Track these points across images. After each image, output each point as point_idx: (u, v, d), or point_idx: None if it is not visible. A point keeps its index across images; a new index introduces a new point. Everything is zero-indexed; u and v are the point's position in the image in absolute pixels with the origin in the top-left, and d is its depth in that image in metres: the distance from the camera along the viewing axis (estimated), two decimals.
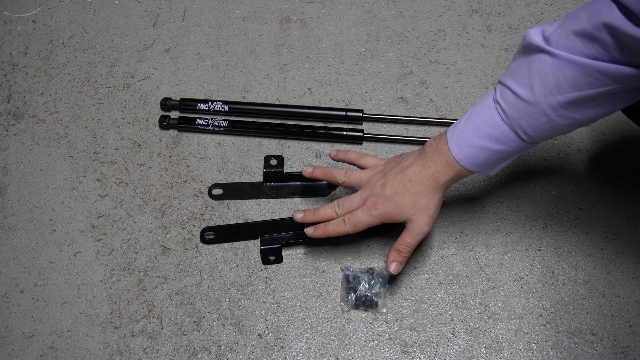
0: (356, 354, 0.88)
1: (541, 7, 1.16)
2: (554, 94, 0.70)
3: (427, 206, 0.81)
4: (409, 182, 0.81)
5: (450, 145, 0.78)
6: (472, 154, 0.77)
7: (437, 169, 0.79)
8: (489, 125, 0.75)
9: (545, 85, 0.70)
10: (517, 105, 0.72)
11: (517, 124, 0.73)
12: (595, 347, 0.88)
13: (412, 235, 0.83)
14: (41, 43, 1.15)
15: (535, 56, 0.71)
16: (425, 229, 0.82)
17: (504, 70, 1.09)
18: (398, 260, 0.84)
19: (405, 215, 0.82)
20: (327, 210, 0.87)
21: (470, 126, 0.76)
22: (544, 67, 0.70)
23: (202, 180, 1.01)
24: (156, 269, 0.94)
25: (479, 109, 0.76)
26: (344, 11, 1.17)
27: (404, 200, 0.81)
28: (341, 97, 1.08)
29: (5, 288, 0.94)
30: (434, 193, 0.81)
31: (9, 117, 1.08)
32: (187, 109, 1.07)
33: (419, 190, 0.80)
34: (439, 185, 0.80)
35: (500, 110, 0.74)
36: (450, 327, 0.90)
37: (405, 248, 0.83)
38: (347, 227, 0.84)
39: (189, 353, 0.88)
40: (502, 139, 0.75)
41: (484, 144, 0.76)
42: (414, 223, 0.82)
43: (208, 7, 1.18)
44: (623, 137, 1.03)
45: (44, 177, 1.02)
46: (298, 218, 0.89)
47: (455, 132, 0.78)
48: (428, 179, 0.80)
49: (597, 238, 0.95)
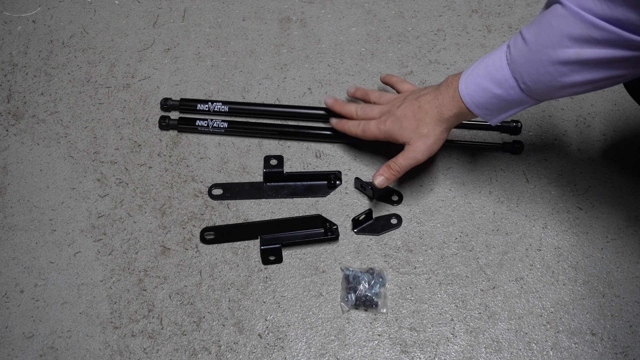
0: (356, 354, 0.88)
1: (541, 7, 1.16)
2: (554, 46, 0.70)
3: (426, 135, 0.85)
4: (418, 108, 0.85)
5: (460, 81, 0.80)
6: (475, 93, 0.79)
7: (444, 102, 0.83)
8: (495, 68, 0.77)
9: (549, 34, 0.71)
10: (521, 51, 0.74)
11: (517, 69, 0.75)
12: (595, 347, 0.88)
13: (406, 158, 0.88)
14: (41, 43, 1.15)
15: (551, 7, 0.72)
16: (419, 155, 0.87)
17: None
18: (385, 175, 0.89)
19: (405, 137, 0.87)
20: (350, 107, 0.97)
21: (481, 66, 0.79)
22: (553, 17, 0.70)
23: (202, 180, 1.01)
24: (156, 269, 0.94)
25: (494, 52, 0.78)
26: (344, 11, 1.17)
27: (408, 123, 0.86)
28: (341, 97, 1.08)
29: (5, 288, 0.94)
30: (435, 124, 0.84)
31: (9, 117, 1.08)
32: (187, 109, 1.07)
33: (423, 118, 0.85)
34: (442, 118, 0.84)
35: (508, 54, 0.76)
36: (450, 327, 0.90)
37: (396, 167, 0.88)
38: (358, 131, 0.94)
39: (189, 353, 0.88)
40: (503, 83, 0.76)
41: (486, 85, 0.78)
42: (411, 147, 0.87)
43: (208, 7, 1.18)
44: (623, 137, 1.03)
45: (44, 177, 1.02)
46: (329, 102, 0.99)
47: (469, 70, 0.80)
48: (434, 109, 0.84)
49: (597, 238, 0.95)
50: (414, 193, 0.99)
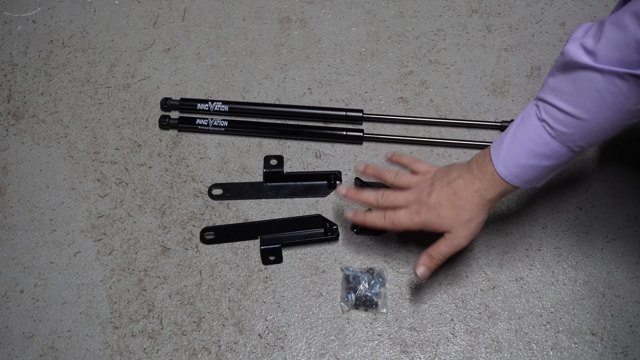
0: (356, 354, 0.88)
1: (541, 7, 1.16)
2: (611, 109, 0.69)
3: (468, 221, 0.81)
4: (453, 195, 0.80)
5: (496, 166, 0.78)
6: (521, 173, 0.77)
7: (483, 186, 0.79)
8: (536, 144, 0.75)
9: (600, 102, 0.69)
10: (568, 123, 0.72)
11: (569, 139, 0.73)
12: (595, 347, 0.88)
13: (448, 246, 0.82)
14: (41, 43, 1.15)
15: (581, 74, 0.70)
16: (463, 242, 0.81)
17: (504, 70, 1.09)
18: (427, 265, 0.82)
19: (445, 226, 0.81)
20: (370, 195, 0.87)
21: (516, 146, 0.76)
22: (595, 84, 0.69)
23: (202, 180, 1.01)
24: (156, 269, 0.94)
25: (523, 128, 0.76)
26: (344, 11, 1.17)
27: (446, 212, 0.81)
28: (341, 97, 1.08)
29: (5, 288, 0.94)
30: (478, 209, 0.80)
31: (9, 117, 1.08)
32: (187, 109, 1.07)
33: (463, 205, 0.80)
34: (484, 201, 0.80)
35: (549, 128, 0.74)
36: (450, 327, 0.90)
37: (438, 256, 0.82)
38: (386, 223, 0.84)
39: (189, 353, 0.88)
40: (553, 155, 0.75)
41: (533, 163, 0.76)
42: (453, 235, 0.81)
43: (208, 7, 1.18)
44: (623, 137, 1.03)
45: (44, 177, 1.02)
46: (342, 192, 0.89)
47: (501, 153, 0.77)
48: (473, 194, 0.80)
49: (597, 238, 0.95)
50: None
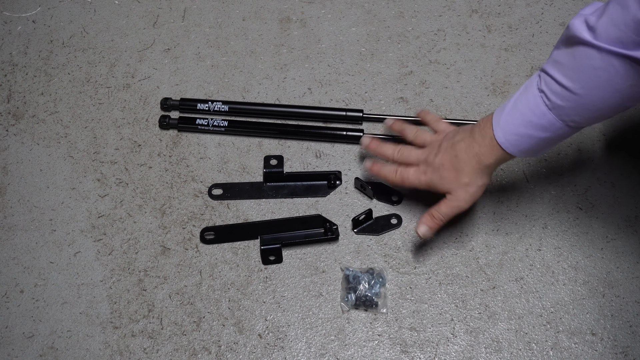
0: (356, 354, 0.88)
1: (541, 7, 1.16)
2: (605, 87, 0.70)
3: (468, 184, 0.84)
4: (455, 157, 0.84)
5: (495, 131, 0.79)
6: (518, 142, 0.79)
7: (482, 150, 0.81)
8: (534, 115, 0.76)
9: (595, 79, 0.70)
10: (564, 96, 0.73)
11: (564, 113, 0.74)
12: (595, 347, 0.88)
13: (449, 207, 0.85)
14: (41, 43, 1.15)
15: (580, 49, 0.70)
16: (463, 204, 0.85)
17: (504, 70, 1.09)
18: (429, 225, 0.86)
19: (446, 187, 0.85)
20: (388, 149, 0.93)
21: (515, 114, 0.78)
22: (592, 61, 0.69)
23: (202, 180, 1.01)
24: (156, 269, 0.94)
25: (524, 98, 0.77)
26: (344, 11, 1.17)
27: (447, 174, 0.84)
28: (341, 97, 1.08)
29: (5, 288, 0.94)
30: (476, 172, 0.83)
31: (9, 117, 1.08)
32: (187, 109, 1.07)
33: (462, 167, 0.83)
34: (482, 166, 0.82)
35: (546, 99, 0.74)
36: (450, 327, 0.90)
37: (439, 215, 0.86)
38: (396, 178, 0.90)
39: (189, 353, 0.88)
40: (549, 127, 0.76)
41: (530, 132, 0.77)
42: (453, 196, 0.85)
43: (208, 7, 1.18)
44: (623, 137, 1.03)
45: (44, 177, 1.02)
46: (365, 142, 0.95)
47: (501, 119, 0.79)
48: (472, 158, 0.82)
49: (597, 238, 0.95)
50: (413, 193, 0.99)
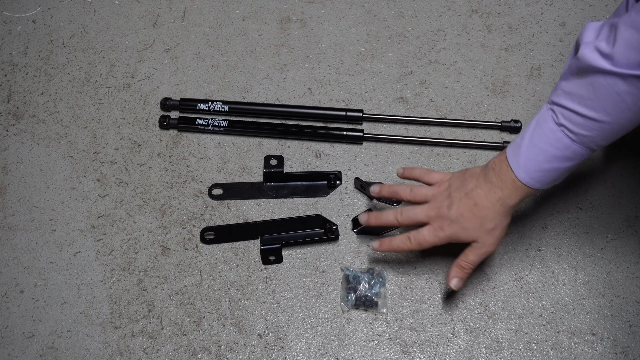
0: (356, 354, 0.88)
1: (541, 7, 1.16)
2: (633, 110, 0.70)
3: (493, 229, 0.82)
4: (474, 207, 0.81)
5: (517, 173, 0.78)
6: (543, 177, 0.78)
7: (505, 194, 0.80)
8: (557, 149, 0.76)
9: (621, 105, 0.70)
10: (589, 126, 0.73)
11: (590, 141, 0.74)
12: (595, 347, 0.88)
13: (476, 254, 0.83)
14: (41, 43, 1.15)
15: (599, 78, 0.70)
16: (491, 249, 0.83)
17: (504, 70, 1.09)
18: (459, 276, 0.84)
19: (471, 237, 0.82)
20: (389, 216, 0.88)
21: (535, 152, 0.77)
22: (615, 88, 0.69)
23: (202, 180, 1.01)
24: (156, 269, 0.94)
25: (541, 134, 0.76)
26: (344, 11, 1.17)
27: (470, 224, 0.81)
28: (341, 97, 1.08)
29: (5, 288, 0.94)
30: (501, 216, 0.81)
31: (9, 117, 1.08)
32: (187, 109, 1.07)
33: (485, 214, 0.81)
34: (507, 208, 0.81)
35: (568, 132, 0.74)
36: (450, 327, 0.90)
37: (468, 265, 0.84)
38: (413, 245, 0.85)
39: (189, 353, 0.88)
40: (574, 157, 0.76)
41: (555, 166, 0.77)
42: (480, 244, 0.82)
43: (208, 7, 1.18)
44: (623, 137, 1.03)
45: (44, 177, 1.02)
46: (363, 220, 0.90)
47: (520, 160, 0.78)
48: (495, 203, 0.80)
49: (597, 238, 0.95)
50: None
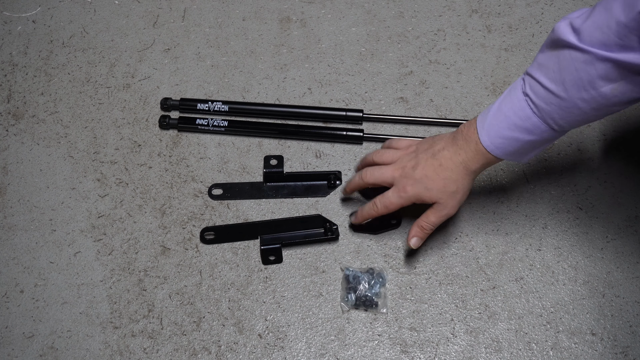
0: (356, 354, 0.88)
1: (541, 7, 1.16)
2: (587, 89, 0.70)
3: (455, 191, 0.83)
4: (439, 167, 0.83)
5: (480, 135, 0.79)
6: (504, 145, 0.79)
7: (468, 157, 0.81)
8: (519, 117, 0.76)
9: (577, 81, 0.70)
10: (548, 99, 0.74)
11: (548, 116, 0.75)
12: (595, 347, 0.88)
13: (438, 216, 0.85)
14: (41, 43, 1.15)
15: (565, 52, 0.71)
16: (452, 211, 0.85)
17: (504, 70, 1.09)
18: (419, 236, 0.86)
19: (434, 198, 0.84)
20: (355, 178, 0.91)
21: (500, 118, 0.78)
22: (575, 63, 0.70)
23: (202, 180, 1.01)
24: (156, 269, 0.94)
25: (508, 101, 0.78)
26: (344, 11, 1.17)
27: (433, 184, 0.83)
28: (341, 97, 1.08)
29: (5, 288, 0.94)
30: (463, 179, 0.83)
31: (9, 117, 1.08)
32: (187, 109, 1.07)
33: (449, 176, 0.82)
34: (469, 172, 0.82)
35: (531, 103, 0.75)
36: (450, 327, 0.90)
37: (428, 225, 0.86)
38: (380, 209, 0.87)
39: (189, 353, 0.88)
40: (534, 130, 0.76)
41: (515, 135, 0.77)
42: (441, 205, 0.84)
43: (208, 7, 1.18)
44: (623, 137, 1.03)
45: (44, 177, 1.02)
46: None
47: (485, 123, 0.79)
48: (458, 165, 0.82)
49: (597, 238, 0.95)
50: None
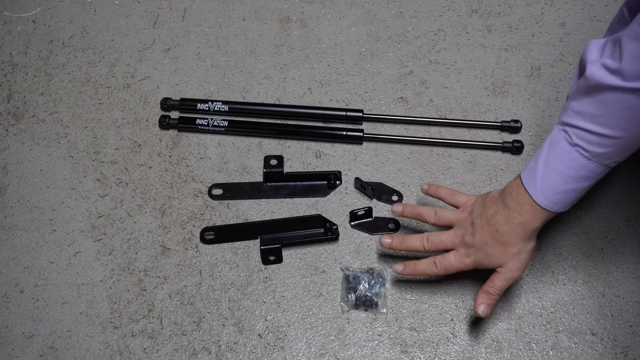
0: (356, 354, 0.88)
1: (541, 7, 1.16)
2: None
3: (517, 253, 0.81)
4: (496, 233, 0.81)
5: (535, 197, 0.78)
6: (563, 199, 0.78)
7: (525, 218, 0.79)
8: (574, 169, 0.75)
9: (634, 119, 0.69)
10: (603, 144, 0.73)
11: (606, 157, 0.74)
12: (595, 347, 0.88)
13: (502, 280, 0.83)
14: (41, 43, 1.15)
15: (610, 95, 0.70)
16: (517, 273, 0.83)
17: (504, 70, 1.09)
18: (487, 302, 0.83)
19: (495, 263, 0.83)
20: (415, 242, 0.87)
21: (552, 175, 0.77)
22: (627, 103, 0.69)
23: (202, 180, 1.01)
24: (156, 269, 0.94)
25: (555, 156, 0.76)
26: (344, 11, 1.17)
27: (493, 250, 0.82)
28: (341, 97, 1.08)
29: (5, 288, 0.94)
30: (524, 240, 0.81)
31: (9, 117, 1.08)
32: (187, 109, 1.07)
33: (508, 240, 0.81)
34: (529, 233, 0.81)
35: (583, 151, 0.74)
36: (450, 327, 0.90)
37: (495, 291, 0.83)
38: (439, 271, 0.85)
39: (189, 353, 0.88)
40: (591, 175, 0.76)
41: (573, 187, 0.77)
42: (505, 269, 0.82)
43: (208, 7, 1.18)
44: None
45: (44, 177, 1.02)
46: (386, 244, 0.89)
47: (537, 184, 0.78)
48: (515, 229, 0.80)
49: (597, 238, 0.95)
50: (413, 193, 0.99)
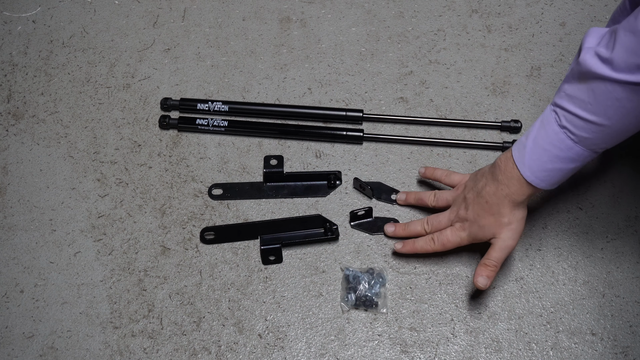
0: (356, 354, 0.88)
1: (541, 7, 1.16)
2: (633, 114, 0.71)
3: (509, 222, 0.84)
4: (486, 204, 0.84)
5: (522, 171, 0.80)
6: (549, 177, 0.80)
7: (512, 191, 0.82)
8: (560, 149, 0.77)
9: (621, 109, 0.71)
10: (590, 129, 0.74)
11: (591, 143, 0.76)
12: (595, 347, 0.88)
13: (497, 250, 0.85)
14: (41, 43, 1.15)
15: (599, 84, 0.71)
16: (510, 242, 0.85)
17: (504, 70, 1.09)
18: (485, 274, 0.85)
19: (488, 234, 0.86)
20: (416, 226, 0.93)
21: (539, 152, 0.79)
22: (614, 94, 0.70)
23: (202, 180, 1.01)
24: (156, 269, 0.94)
25: (544, 135, 0.78)
26: (344, 11, 1.17)
27: (485, 221, 0.85)
28: (341, 97, 1.08)
29: (5, 288, 0.94)
30: (512, 210, 0.84)
31: (9, 117, 1.08)
32: (187, 109, 1.07)
33: (498, 211, 0.84)
34: (516, 204, 0.83)
35: (570, 134, 0.76)
36: (450, 327, 0.90)
37: (492, 262, 0.85)
38: (436, 246, 0.89)
39: (189, 353, 0.88)
40: (577, 158, 0.78)
41: (558, 166, 0.79)
42: (498, 239, 0.85)
43: (208, 7, 1.18)
44: None
45: (44, 177, 1.02)
46: (389, 232, 0.94)
47: (525, 159, 0.80)
48: (504, 199, 0.83)
49: (597, 238, 0.95)
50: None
